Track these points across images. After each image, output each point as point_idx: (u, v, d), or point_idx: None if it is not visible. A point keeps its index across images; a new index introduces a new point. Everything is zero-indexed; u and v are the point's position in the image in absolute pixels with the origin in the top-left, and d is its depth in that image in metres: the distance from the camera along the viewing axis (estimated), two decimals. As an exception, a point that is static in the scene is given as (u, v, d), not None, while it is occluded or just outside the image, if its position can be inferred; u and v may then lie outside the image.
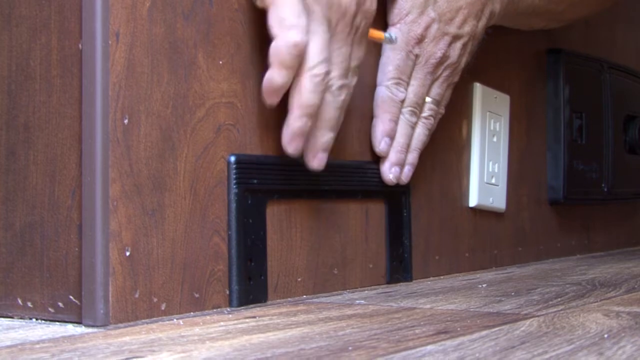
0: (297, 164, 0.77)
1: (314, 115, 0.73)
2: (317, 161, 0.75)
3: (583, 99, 1.24)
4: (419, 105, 0.88)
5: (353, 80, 0.76)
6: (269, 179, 0.74)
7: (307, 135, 0.73)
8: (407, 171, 0.88)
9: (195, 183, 0.68)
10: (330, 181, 0.81)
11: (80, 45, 0.63)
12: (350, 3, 0.72)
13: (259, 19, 0.74)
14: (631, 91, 1.39)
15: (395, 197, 0.89)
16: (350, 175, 0.84)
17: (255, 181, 0.73)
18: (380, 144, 0.86)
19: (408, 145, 0.88)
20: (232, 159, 0.71)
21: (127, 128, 0.63)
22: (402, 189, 0.90)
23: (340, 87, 0.74)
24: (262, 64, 0.75)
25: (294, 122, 0.72)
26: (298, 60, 0.70)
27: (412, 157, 0.89)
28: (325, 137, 0.74)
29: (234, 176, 0.71)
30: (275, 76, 0.70)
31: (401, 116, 0.87)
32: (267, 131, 0.75)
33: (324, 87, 0.72)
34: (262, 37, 0.75)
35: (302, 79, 0.71)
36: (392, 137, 0.86)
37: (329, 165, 0.81)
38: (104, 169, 0.62)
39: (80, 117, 0.63)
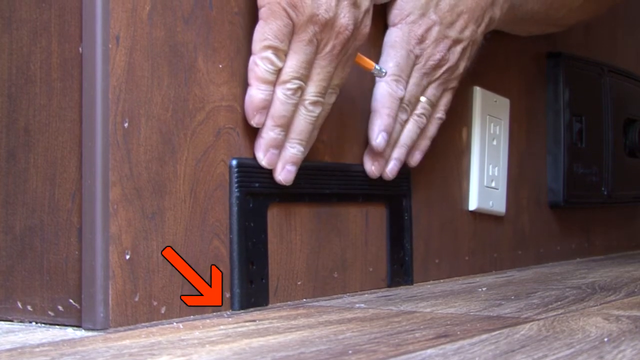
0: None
1: (286, 127, 0.73)
2: (284, 174, 0.74)
3: (583, 102, 1.24)
4: (411, 104, 0.87)
5: (331, 98, 0.76)
6: (270, 183, 0.74)
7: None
8: (393, 166, 0.87)
9: (195, 186, 0.68)
10: (331, 184, 0.81)
11: (80, 49, 0.63)
12: (348, 26, 0.73)
13: (259, 22, 0.74)
14: (631, 94, 1.39)
15: (396, 200, 0.89)
16: (351, 179, 0.84)
17: (256, 185, 0.73)
18: (376, 139, 0.84)
19: (395, 142, 0.87)
20: (234, 162, 0.71)
21: (127, 131, 0.64)
22: (403, 192, 0.90)
23: (315, 103, 0.74)
24: (262, 67, 0.75)
25: (266, 132, 0.73)
26: (275, 76, 0.71)
27: (399, 152, 0.87)
28: (294, 149, 0.74)
29: (236, 180, 0.71)
30: (253, 92, 0.71)
31: None
32: (267, 134, 0.75)
33: (297, 100, 0.73)
34: (262, 41, 0.75)
35: (275, 91, 0.72)
36: (389, 132, 0.85)
37: (330, 169, 0.81)
38: (104, 172, 0.62)
39: (80, 120, 0.63)
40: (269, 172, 0.74)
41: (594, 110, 1.28)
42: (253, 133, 0.74)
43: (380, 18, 0.86)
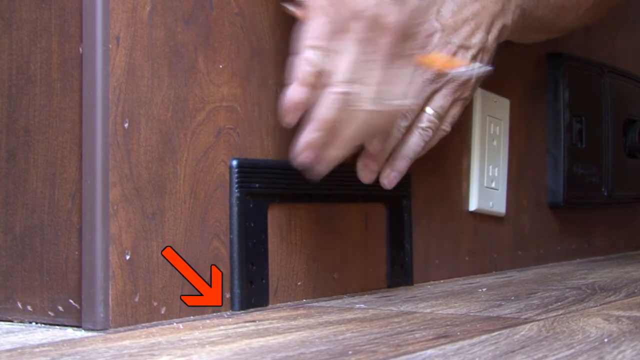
0: (298, 168, 0.77)
1: (330, 130, 0.71)
2: (319, 167, 0.73)
3: (583, 102, 1.24)
4: (412, 111, 0.84)
5: (393, 104, 0.71)
6: (271, 183, 0.74)
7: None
8: (393, 178, 0.84)
9: (195, 187, 0.69)
10: (331, 185, 0.81)
11: (80, 49, 0.63)
12: (396, 24, 0.68)
13: (259, 22, 0.74)
14: (631, 95, 1.39)
15: (396, 201, 0.89)
16: (351, 179, 0.84)
17: (257, 185, 0.73)
18: (372, 141, 0.79)
19: (396, 151, 0.83)
20: (234, 162, 0.71)
21: (128, 132, 0.64)
22: (403, 193, 0.90)
23: (363, 104, 0.70)
24: (262, 68, 0.75)
25: (307, 134, 0.71)
26: (316, 78, 0.69)
27: (401, 164, 0.84)
28: (334, 152, 0.72)
29: (236, 180, 0.71)
30: (292, 92, 0.69)
31: None
32: (266, 135, 0.75)
33: (345, 105, 0.70)
34: (262, 41, 0.75)
35: (323, 94, 0.70)
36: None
37: (330, 169, 0.81)
38: (104, 173, 0.62)
39: (80, 120, 0.63)
40: (270, 172, 0.74)
41: (594, 111, 1.28)
42: (253, 133, 0.74)
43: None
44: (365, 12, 0.68)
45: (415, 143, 0.85)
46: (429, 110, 0.85)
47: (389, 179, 0.85)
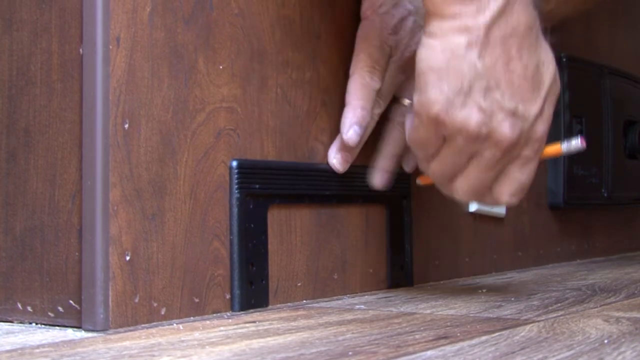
0: (298, 169, 0.77)
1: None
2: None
3: (583, 103, 1.24)
4: (384, 97, 0.81)
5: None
6: (271, 184, 0.74)
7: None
8: (385, 179, 0.84)
9: (196, 187, 0.69)
10: (331, 186, 0.81)
11: (80, 50, 0.63)
12: (507, 139, 0.67)
13: (259, 23, 0.74)
14: (631, 96, 1.39)
15: (396, 202, 0.89)
16: (351, 180, 0.84)
17: (257, 186, 0.73)
18: (347, 132, 0.77)
19: (365, 137, 0.81)
20: (234, 163, 0.71)
21: (128, 132, 0.64)
22: (403, 194, 0.90)
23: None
24: (262, 68, 0.75)
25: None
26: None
27: (387, 164, 0.83)
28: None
29: (236, 181, 0.71)
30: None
31: None
32: (266, 136, 0.75)
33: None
34: (262, 42, 0.75)
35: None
36: (362, 125, 0.78)
37: (330, 170, 0.81)
38: (104, 174, 0.62)
39: (80, 121, 0.63)
40: (270, 173, 0.74)
41: (594, 112, 1.28)
42: (253, 134, 0.74)
43: (353, 11, 0.83)
44: (472, 130, 0.66)
45: (397, 139, 0.83)
46: (405, 101, 0.83)
47: (381, 180, 0.84)
